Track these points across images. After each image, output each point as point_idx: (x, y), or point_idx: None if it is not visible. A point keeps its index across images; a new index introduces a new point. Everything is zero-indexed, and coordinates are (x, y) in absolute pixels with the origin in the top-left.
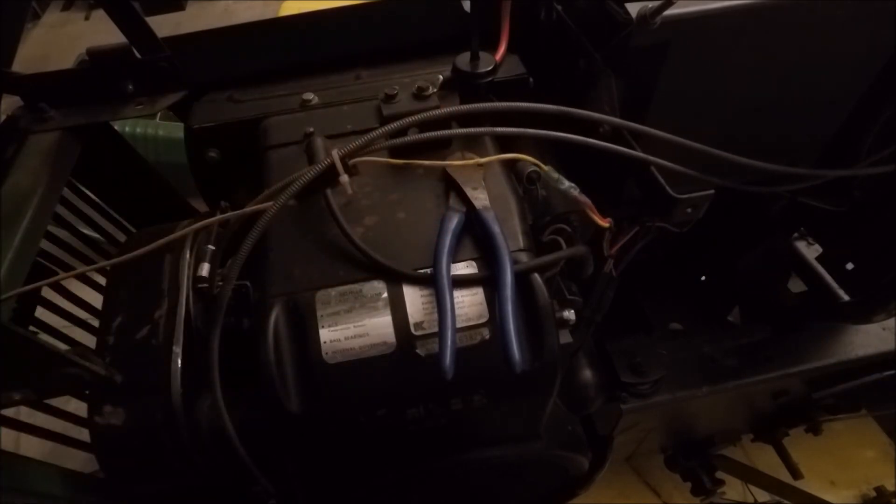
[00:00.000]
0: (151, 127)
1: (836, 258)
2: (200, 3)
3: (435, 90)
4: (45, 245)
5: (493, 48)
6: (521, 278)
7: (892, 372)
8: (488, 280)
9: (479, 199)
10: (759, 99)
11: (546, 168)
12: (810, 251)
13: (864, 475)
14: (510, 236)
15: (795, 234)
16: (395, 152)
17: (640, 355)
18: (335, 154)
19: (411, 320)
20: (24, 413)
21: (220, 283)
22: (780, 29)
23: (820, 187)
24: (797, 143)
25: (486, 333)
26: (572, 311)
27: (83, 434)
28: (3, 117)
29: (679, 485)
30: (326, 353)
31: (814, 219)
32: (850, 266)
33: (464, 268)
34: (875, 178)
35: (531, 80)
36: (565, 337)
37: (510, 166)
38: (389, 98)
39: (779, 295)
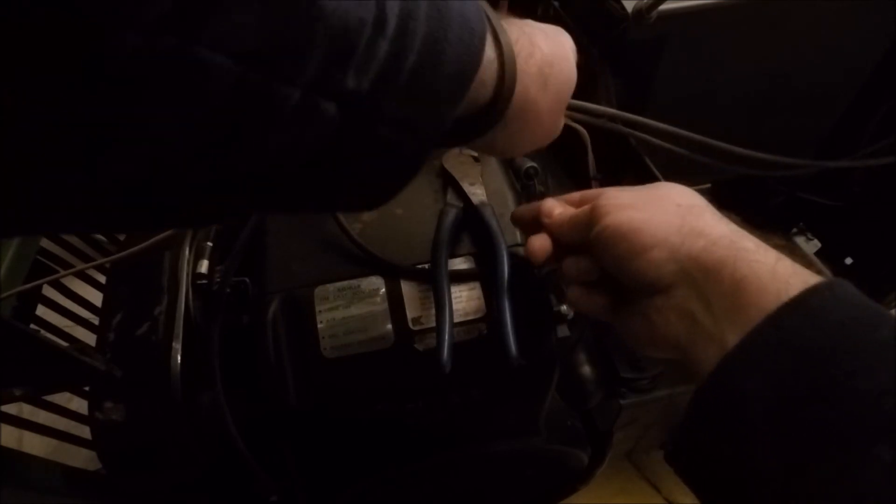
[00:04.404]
0: None
1: (835, 253)
2: None
3: None
4: (47, 244)
5: None
6: (518, 273)
7: None
8: (486, 275)
9: (477, 194)
10: (757, 92)
11: None
12: (809, 246)
13: None
14: (508, 231)
15: (794, 230)
16: None
17: None
18: None
19: (409, 315)
20: (27, 411)
21: (220, 280)
22: (778, 21)
23: (818, 181)
24: (795, 136)
25: (483, 328)
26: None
27: (85, 432)
28: None
29: (679, 480)
30: (325, 349)
31: (812, 214)
32: (848, 261)
33: (461, 263)
34: (873, 172)
35: None
36: (563, 331)
37: (508, 161)
38: None
39: None
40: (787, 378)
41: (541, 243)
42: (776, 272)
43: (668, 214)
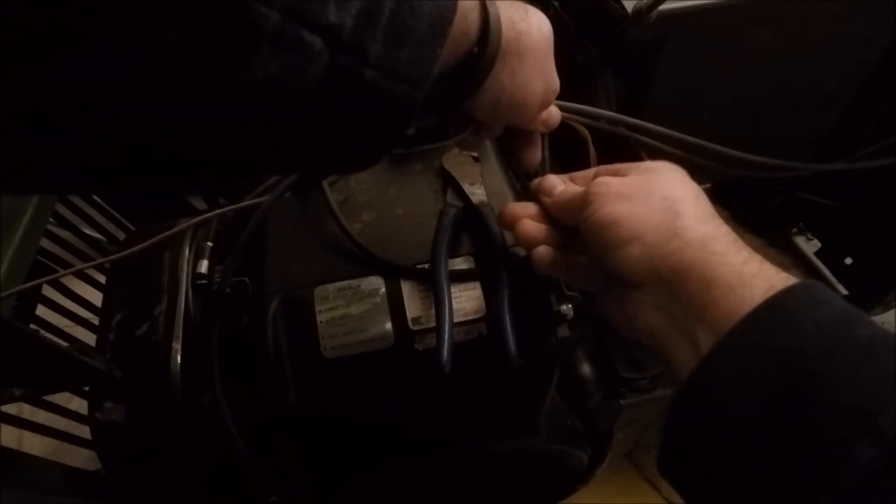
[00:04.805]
0: None
1: (835, 253)
2: None
3: None
4: (47, 244)
5: None
6: (518, 272)
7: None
8: (486, 275)
9: (477, 194)
10: (757, 93)
11: None
12: (809, 246)
13: None
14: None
15: (794, 230)
16: None
17: (640, 350)
18: None
19: (409, 315)
20: (27, 411)
21: (219, 280)
22: (777, 22)
23: (818, 182)
24: (795, 136)
25: (483, 328)
26: (570, 306)
27: (85, 432)
28: None
29: None
30: (325, 349)
31: (812, 214)
32: (848, 261)
33: (461, 263)
34: (873, 172)
35: None
36: (563, 331)
37: (508, 161)
38: None
39: None
40: (764, 381)
41: (535, 230)
42: (742, 274)
43: (650, 210)
